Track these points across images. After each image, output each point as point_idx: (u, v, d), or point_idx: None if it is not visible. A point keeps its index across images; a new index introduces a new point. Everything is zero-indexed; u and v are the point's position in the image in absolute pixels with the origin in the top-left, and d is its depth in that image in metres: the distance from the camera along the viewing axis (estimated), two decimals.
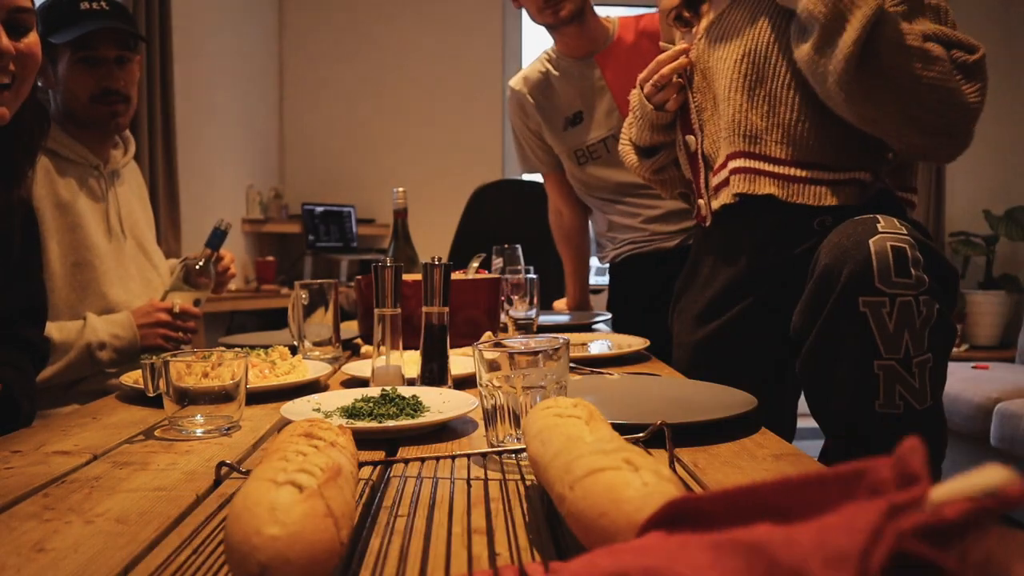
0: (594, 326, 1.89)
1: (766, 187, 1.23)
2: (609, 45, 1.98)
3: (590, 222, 2.27)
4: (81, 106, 1.59)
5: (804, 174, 1.21)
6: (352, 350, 1.58)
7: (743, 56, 1.24)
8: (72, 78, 1.57)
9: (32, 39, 1.03)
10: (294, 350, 1.38)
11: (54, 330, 1.49)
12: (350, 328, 1.80)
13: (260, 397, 1.07)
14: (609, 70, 1.97)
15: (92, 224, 1.61)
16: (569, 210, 2.22)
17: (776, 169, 1.23)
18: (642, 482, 0.44)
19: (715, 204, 1.33)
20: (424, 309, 1.05)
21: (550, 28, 1.96)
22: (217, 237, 1.68)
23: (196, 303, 1.66)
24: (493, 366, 0.75)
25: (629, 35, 1.98)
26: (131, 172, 1.82)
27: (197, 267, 1.66)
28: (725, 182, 1.30)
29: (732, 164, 1.28)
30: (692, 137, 1.37)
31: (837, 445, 1.11)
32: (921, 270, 0.99)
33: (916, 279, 0.98)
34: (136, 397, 1.09)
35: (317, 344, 1.41)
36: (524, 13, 1.96)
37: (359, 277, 1.62)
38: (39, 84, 1.60)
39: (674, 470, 0.70)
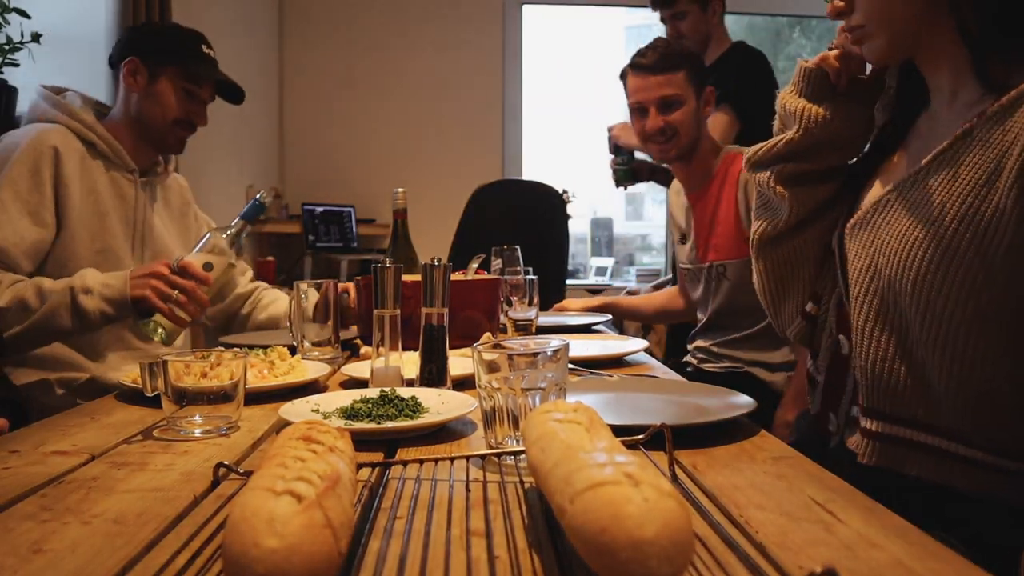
0: (595, 327, 1.89)
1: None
2: (704, 185, 1.96)
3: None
4: (161, 122, 1.69)
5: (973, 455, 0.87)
6: (351, 351, 1.58)
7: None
8: (168, 99, 1.69)
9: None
10: (293, 350, 1.38)
11: (44, 280, 1.43)
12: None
13: (259, 397, 1.06)
14: (696, 210, 1.98)
15: (116, 222, 1.63)
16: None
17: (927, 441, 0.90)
18: (643, 498, 0.43)
19: (850, 443, 1.01)
20: (424, 310, 1.05)
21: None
22: (254, 209, 1.55)
23: (207, 267, 1.48)
24: (492, 367, 0.75)
25: (720, 176, 1.93)
26: (174, 187, 1.86)
27: (225, 235, 1.52)
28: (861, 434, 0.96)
29: (864, 423, 0.95)
30: (846, 339, 1.02)
31: None
32: None
33: None
34: (134, 397, 1.08)
35: (316, 344, 1.41)
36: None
37: (359, 277, 1.62)
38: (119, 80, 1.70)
39: (673, 472, 0.69)
